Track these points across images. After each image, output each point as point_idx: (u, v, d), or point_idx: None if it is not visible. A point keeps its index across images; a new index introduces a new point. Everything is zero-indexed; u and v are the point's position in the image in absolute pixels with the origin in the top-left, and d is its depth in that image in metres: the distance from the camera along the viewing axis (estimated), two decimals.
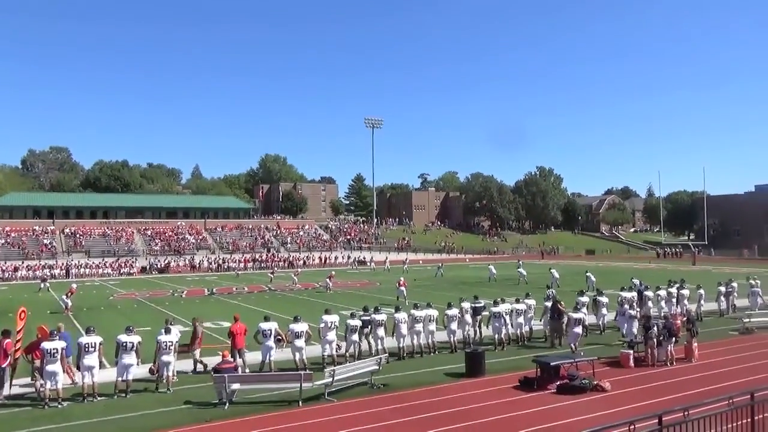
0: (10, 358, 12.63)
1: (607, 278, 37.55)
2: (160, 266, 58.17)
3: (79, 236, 74.96)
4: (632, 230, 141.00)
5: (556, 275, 35.62)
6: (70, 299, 27.97)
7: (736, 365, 14.71)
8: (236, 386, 12.17)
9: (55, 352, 12.03)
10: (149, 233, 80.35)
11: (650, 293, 21.74)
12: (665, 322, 15.49)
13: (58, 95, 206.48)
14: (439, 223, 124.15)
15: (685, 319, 17.77)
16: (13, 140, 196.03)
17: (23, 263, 57.90)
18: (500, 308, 17.36)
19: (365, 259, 64.47)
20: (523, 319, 18.02)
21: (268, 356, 14.41)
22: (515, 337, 17.97)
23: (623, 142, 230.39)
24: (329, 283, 36.34)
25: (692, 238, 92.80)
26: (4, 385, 12.57)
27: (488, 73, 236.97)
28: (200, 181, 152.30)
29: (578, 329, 16.53)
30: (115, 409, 11.80)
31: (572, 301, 18.84)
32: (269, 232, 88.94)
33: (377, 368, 13.45)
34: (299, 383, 11.93)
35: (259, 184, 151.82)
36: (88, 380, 12.41)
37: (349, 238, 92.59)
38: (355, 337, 15.50)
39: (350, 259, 66.03)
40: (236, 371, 12.57)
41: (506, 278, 41.28)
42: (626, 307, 18.03)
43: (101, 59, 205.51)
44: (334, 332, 15.28)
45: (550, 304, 18.19)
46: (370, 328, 15.89)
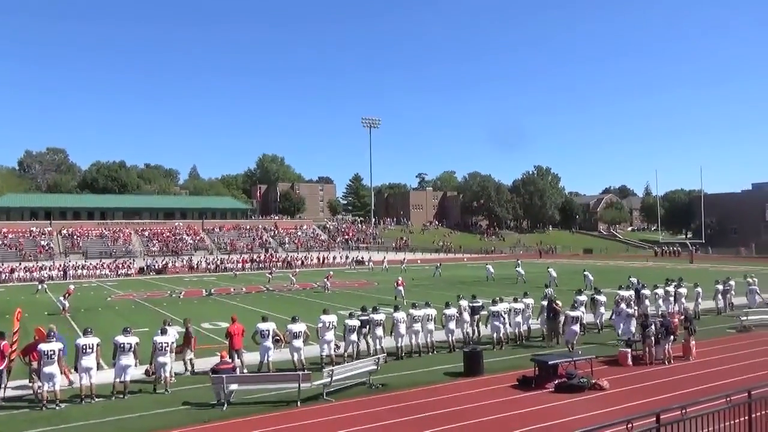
0: (6, 360, 12.60)
1: (604, 277, 37.58)
2: (157, 267, 58.12)
3: (76, 237, 74.80)
4: (630, 229, 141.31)
5: (553, 274, 35.70)
6: (67, 300, 27.95)
7: (733, 363, 14.74)
8: (234, 387, 12.17)
9: (52, 353, 12.01)
10: (147, 234, 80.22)
11: (647, 292, 21.76)
12: (663, 320, 15.53)
13: (55, 96, 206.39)
14: (436, 222, 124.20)
15: (682, 317, 17.81)
16: (9, 141, 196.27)
17: (20, 264, 57.84)
18: (499, 307, 17.40)
19: (363, 259, 64.48)
20: (521, 318, 18.05)
21: (266, 357, 14.41)
22: (513, 336, 18.01)
23: (620, 141, 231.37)
24: (327, 283, 36.36)
25: (690, 236, 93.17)
26: (0, 387, 12.54)
27: (486, 72, 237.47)
28: (198, 181, 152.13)
29: (575, 327, 16.56)
30: (113, 410, 11.78)
31: (570, 300, 18.87)
32: (267, 232, 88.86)
33: (375, 368, 13.45)
34: (297, 383, 11.93)
35: (256, 184, 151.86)
36: (85, 381, 12.39)
37: (347, 238, 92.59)
38: (353, 337, 15.51)
39: (348, 259, 66.06)
40: (234, 372, 12.56)
41: (504, 277, 41.33)
42: (623, 306, 18.05)
43: (98, 60, 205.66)
44: (332, 332, 15.28)
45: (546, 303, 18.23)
46: (368, 328, 15.90)
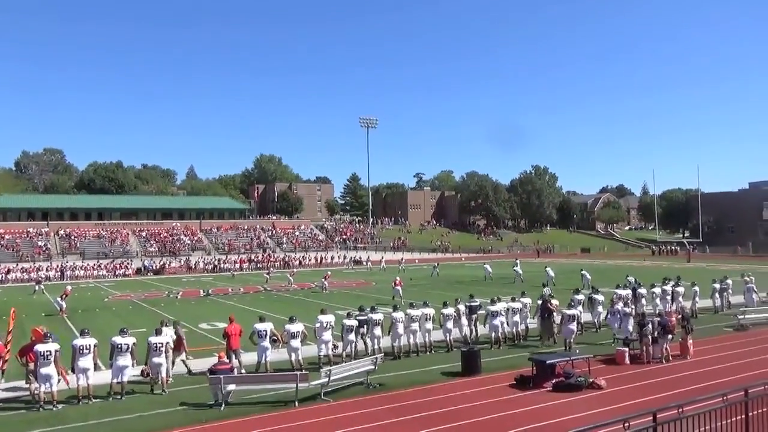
0: (0, 360, 12.56)
1: (602, 276, 37.64)
2: (155, 268, 58.00)
3: (73, 238, 74.64)
4: (627, 228, 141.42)
5: (551, 273, 35.73)
6: (64, 301, 27.89)
7: (730, 362, 14.78)
8: (232, 387, 12.15)
9: (48, 354, 11.98)
10: (144, 234, 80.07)
11: (644, 291, 21.81)
12: (660, 319, 15.55)
13: (52, 97, 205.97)
14: (434, 222, 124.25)
15: (679, 316, 17.83)
16: (6, 142, 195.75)
17: (17, 265, 57.69)
18: (498, 307, 17.41)
19: (361, 259, 64.47)
20: (519, 317, 18.06)
21: (263, 357, 14.40)
22: (511, 335, 18.02)
23: (618, 140, 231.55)
24: (325, 283, 36.37)
25: (687, 235, 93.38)
26: None
27: (483, 72, 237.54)
28: (195, 181, 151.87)
29: (572, 326, 16.57)
30: (110, 411, 11.76)
31: (568, 299, 18.89)
32: (265, 232, 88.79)
33: (373, 368, 13.44)
34: (295, 383, 11.92)
35: (254, 184, 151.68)
36: (82, 382, 12.36)
37: (344, 238, 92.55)
38: (351, 336, 15.50)
39: (346, 259, 66.04)
40: (232, 372, 12.55)
41: (502, 277, 41.36)
42: (620, 305, 18.05)
43: (95, 60, 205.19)
44: (330, 332, 15.26)
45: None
46: (366, 327, 15.90)
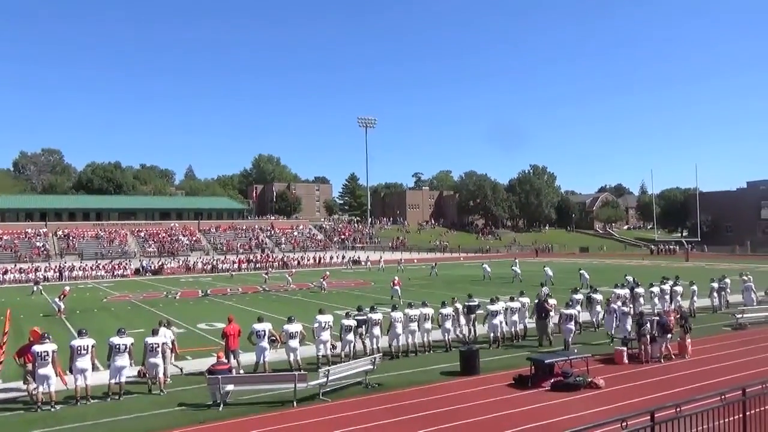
0: None
1: (600, 276, 37.66)
2: (153, 268, 57.92)
3: (71, 238, 74.55)
4: (626, 227, 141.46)
5: (549, 273, 35.75)
6: (62, 302, 27.83)
7: (728, 361, 14.79)
8: (230, 387, 12.14)
9: (45, 355, 11.96)
10: (143, 235, 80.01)
11: (641, 290, 21.82)
12: (660, 319, 15.54)
13: (49, 97, 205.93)
14: (433, 222, 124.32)
15: (678, 315, 17.83)
16: (4, 142, 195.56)
17: (15, 266, 57.59)
18: (497, 306, 17.41)
19: (360, 258, 64.47)
20: (517, 317, 18.06)
21: (262, 357, 14.37)
22: (509, 335, 18.02)
23: (616, 139, 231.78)
24: (324, 283, 36.36)
25: (685, 234, 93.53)
26: None
27: (481, 71, 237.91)
28: (193, 182, 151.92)
29: (570, 325, 16.57)
30: (108, 411, 11.73)
31: (566, 299, 18.89)
32: (263, 232, 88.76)
33: (372, 368, 13.43)
34: (294, 384, 11.91)
35: (252, 184, 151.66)
36: (80, 383, 12.34)
37: (343, 238, 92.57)
38: (350, 336, 15.48)
39: (345, 259, 66.04)
40: (231, 372, 12.53)
41: (500, 276, 41.37)
42: (615, 305, 18.03)
43: (93, 60, 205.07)
44: (328, 332, 15.25)
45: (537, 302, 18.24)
46: (365, 327, 15.89)
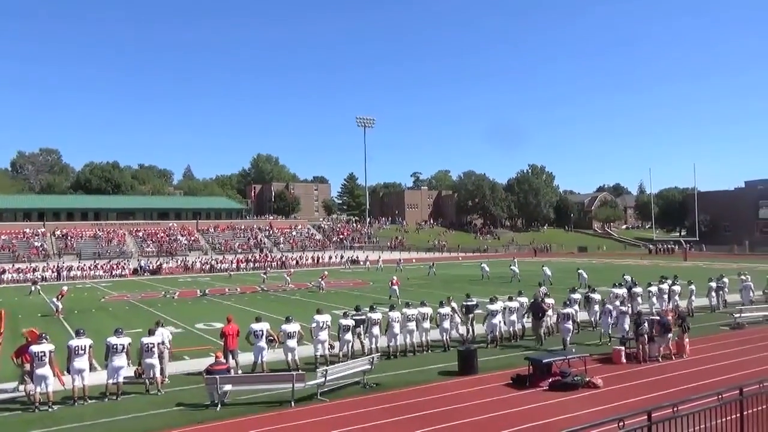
0: None
1: (599, 275, 37.69)
2: (152, 268, 57.87)
3: (70, 238, 74.40)
4: (624, 227, 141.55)
5: (548, 272, 35.72)
6: (60, 302, 27.78)
7: (726, 360, 14.80)
8: (228, 387, 12.13)
9: (43, 355, 11.95)
10: (141, 235, 79.88)
11: (639, 290, 21.84)
12: (660, 318, 15.54)
13: (48, 97, 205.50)
14: (431, 221, 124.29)
15: (675, 315, 17.86)
16: (2, 142, 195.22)
17: (13, 266, 57.50)
18: (496, 306, 17.43)
19: (358, 258, 64.45)
20: (515, 316, 18.08)
21: (260, 357, 14.36)
22: (508, 334, 18.03)
23: (614, 139, 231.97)
24: (322, 283, 36.35)
25: (683, 234, 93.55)
26: None
27: (480, 71, 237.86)
28: (192, 181, 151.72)
29: (568, 324, 16.58)
30: (105, 411, 11.72)
31: (564, 298, 18.89)
32: (262, 232, 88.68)
33: (370, 368, 13.43)
34: (291, 384, 11.91)
35: (251, 184, 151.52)
36: (78, 383, 12.32)
37: (342, 237, 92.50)
38: (348, 336, 15.48)
39: (343, 258, 66.04)
40: (229, 372, 12.52)
41: (499, 276, 41.39)
42: (613, 304, 18.05)
43: (91, 60, 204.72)
44: (326, 332, 15.26)
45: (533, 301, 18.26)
46: (363, 327, 15.89)
